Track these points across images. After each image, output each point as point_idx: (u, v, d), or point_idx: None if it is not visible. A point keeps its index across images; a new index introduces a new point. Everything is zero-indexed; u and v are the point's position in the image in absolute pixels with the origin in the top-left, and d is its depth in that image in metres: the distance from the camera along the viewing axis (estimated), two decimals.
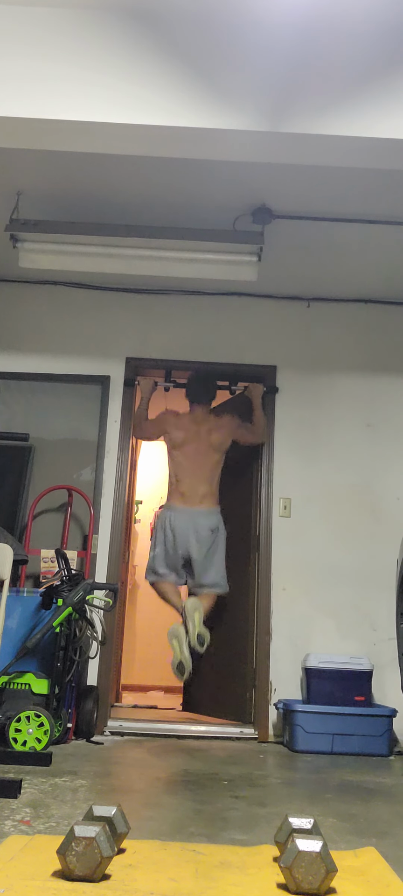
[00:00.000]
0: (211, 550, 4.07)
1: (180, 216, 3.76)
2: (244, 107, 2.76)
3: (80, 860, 1.51)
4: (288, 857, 1.53)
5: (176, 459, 4.26)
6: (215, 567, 4.06)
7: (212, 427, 4.27)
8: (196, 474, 4.16)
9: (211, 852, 1.80)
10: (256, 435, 4.34)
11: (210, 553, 4.06)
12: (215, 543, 4.09)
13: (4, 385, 4.47)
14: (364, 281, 4.42)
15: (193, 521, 4.07)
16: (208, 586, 4.03)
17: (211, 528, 4.09)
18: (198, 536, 4.05)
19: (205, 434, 4.24)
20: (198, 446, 4.21)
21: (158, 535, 4.15)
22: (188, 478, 4.17)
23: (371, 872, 1.70)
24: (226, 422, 4.31)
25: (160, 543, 4.12)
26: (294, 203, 3.70)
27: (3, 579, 2.80)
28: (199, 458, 4.19)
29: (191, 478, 4.16)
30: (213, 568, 4.06)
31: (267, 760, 3.43)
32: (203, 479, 4.15)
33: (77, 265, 3.76)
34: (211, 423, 4.29)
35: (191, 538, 4.04)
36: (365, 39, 2.77)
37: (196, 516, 4.09)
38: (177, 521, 4.08)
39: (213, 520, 4.12)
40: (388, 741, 3.69)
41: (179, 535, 4.06)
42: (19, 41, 2.79)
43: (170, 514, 4.14)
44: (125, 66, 2.78)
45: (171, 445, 4.29)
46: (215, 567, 4.06)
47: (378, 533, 4.20)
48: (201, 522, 4.08)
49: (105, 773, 2.95)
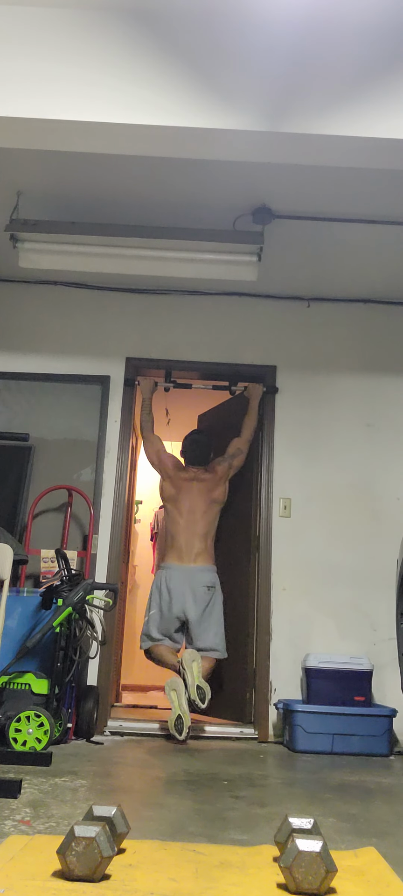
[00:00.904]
0: (208, 609, 3.99)
1: (180, 216, 3.76)
2: (244, 107, 2.76)
3: (80, 860, 1.51)
4: (288, 857, 1.53)
5: (170, 515, 4.23)
6: (213, 629, 3.98)
7: (211, 484, 4.23)
8: (191, 531, 4.12)
9: (211, 852, 1.80)
10: (245, 441, 4.33)
11: (207, 613, 3.99)
12: (212, 602, 4.02)
13: (4, 385, 4.48)
14: (364, 281, 4.43)
15: (189, 579, 4.01)
16: (206, 650, 3.93)
17: (208, 585, 4.03)
18: (195, 595, 3.98)
19: (205, 491, 4.21)
20: (192, 503, 4.18)
21: (154, 596, 4.07)
22: (183, 535, 4.12)
23: (371, 872, 1.70)
24: (218, 469, 4.28)
25: (155, 605, 4.03)
26: (294, 203, 3.70)
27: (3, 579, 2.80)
28: (195, 514, 4.16)
29: (185, 535, 4.12)
30: (211, 630, 3.97)
31: (267, 760, 3.43)
32: (198, 537, 4.11)
33: (77, 265, 3.76)
34: (209, 481, 4.24)
35: (188, 596, 3.97)
36: (365, 39, 2.77)
37: (192, 573, 4.03)
38: (173, 579, 4.02)
39: (210, 577, 4.07)
40: (388, 741, 3.69)
41: (175, 594, 3.98)
42: (19, 41, 2.80)
43: (165, 573, 4.09)
44: (125, 66, 2.78)
45: (165, 498, 4.27)
46: (213, 629, 3.98)
47: (378, 533, 4.20)
48: (197, 579, 4.02)
49: (105, 773, 2.95)
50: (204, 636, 3.96)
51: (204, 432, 4.55)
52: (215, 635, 3.99)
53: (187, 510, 4.17)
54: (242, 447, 4.33)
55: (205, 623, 3.98)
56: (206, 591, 4.02)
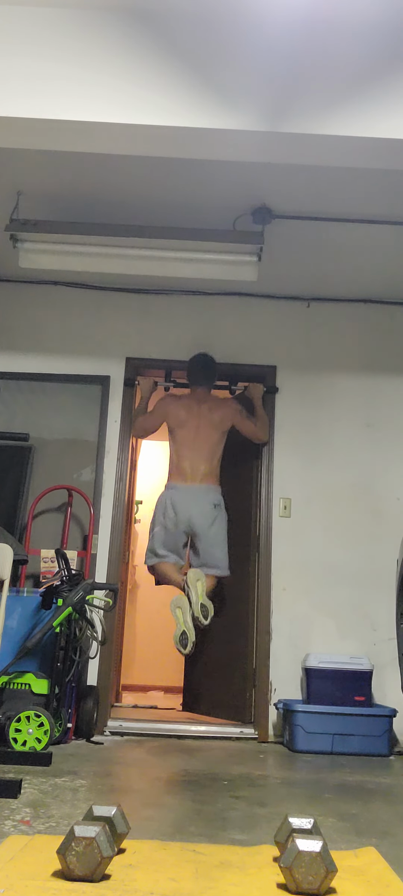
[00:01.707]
0: (215, 527, 4.02)
1: (180, 216, 3.76)
2: (244, 107, 2.76)
3: (80, 860, 1.51)
4: (288, 857, 1.53)
5: (177, 439, 4.22)
6: (217, 547, 4.01)
7: (213, 406, 4.26)
8: (197, 452, 4.13)
9: (211, 852, 1.80)
10: (259, 432, 4.32)
11: (213, 529, 4.01)
12: (217, 519, 4.05)
13: (4, 385, 4.47)
14: (364, 281, 4.42)
15: (195, 498, 4.04)
16: (210, 567, 3.98)
17: (214, 503, 4.06)
18: (201, 511, 4.01)
19: (206, 412, 4.22)
20: (198, 425, 4.19)
21: (158, 515, 4.09)
22: (189, 456, 4.14)
23: (371, 872, 1.71)
24: (227, 403, 4.31)
25: (159, 523, 4.06)
26: (294, 203, 3.70)
27: (3, 579, 2.80)
28: (200, 436, 4.16)
29: (191, 456, 4.13)
30: (216, 548, 4.01)
31: (267, 760, 3.43)
32: (204, 458, 4.13)
33: (77, 265, 3.76)
34: (212, 403, 4.28)
35: (194, 513, 4.00)
36: (365, 39, 2.77)
37: (197, 492, 4.05)
38: (179, 499, 4.04)
39: (215, 496, 4.09)
40: (388, 741, 3.69)
41: (181, 512, 4.01)
42: (20, 41, 2.79)
43: (170, 493, 4.10)
44: (125, 66, 2.78)
45: (173, 425, 4.26)
46: (217, 547, 4.01)
47: (378, 533, 4.20)
48: (203, 498, 4.05)
49: (105, 773, 2.95)
50: (209, 552, 4.00)
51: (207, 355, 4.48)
52: (219, 553, 4.02)
53: (192, 432, 4.17)
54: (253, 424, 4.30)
55: (211, 538, 4.01)
56: (212, 509, 4.04)
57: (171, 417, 4.26)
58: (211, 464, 4.14)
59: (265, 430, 4.33)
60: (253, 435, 4.32)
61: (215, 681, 4.32)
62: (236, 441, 4.32)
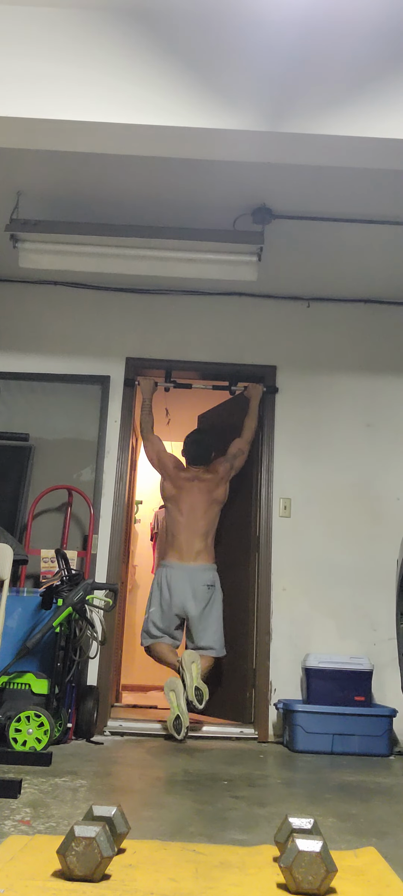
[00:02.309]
0: (208, 608, 4.01)
1: (180, 216, 3.76)
2: (244, 107, 2.76)
3: (80, 860, 1.51)
4: (288, 857, 1.53)
5: (171, 514, 4.23)
6: (212, 628, 4.00)
7: (212, 483, 4.23)
8: (191, 530, 4.13)
9: (211, 852, 1.80)
10: (243, 441, 4.33)
11: (206, 611, 4.00)
12: (211, 601, 4.03)
13: (4, 385, 4.47)
14: (364, 281, 4.42)
15: (190, 577, 4.03)
16: (204, 649, 3.96)
17: (208, 583, 4.05)
18: (195, 593, 4.00)
19: (205, 491, 4.21)
20: (193, 503, 4.18)
21: (154, 593, 4.09)
22: (183, 534, 4.13)
23: (371, 872, 1.70)
24: (219, 469, 4.28)
25: (156, 602, 4.06)
26: (294, 203, 3.70)
27: (3, 579, 2.80)
28: (195, 514, 4.16)
29: (186, 534, 4.12)
30: (210, 629, 3.99)
31: (267, 760, 3.43)
32: (198, 536, 4.12)
33: (77, 265, 3.76)
34: (209, 482, 4.25)
35: (188, 595, 3.99)
36: (365, 39, 2.77)
37: (192, 572, 4.04)
38: (173, 578, 4.04)
39: (210, 576, 4.08)
40: (388, 741, 3.69)
41: (175, 592, 4.00)
42: (19, 41, 2.79)
43: (166, 571, 4.10)
44: (125, 66, 2.78)
45: (165, 497, 4.28)
46: (212, 628, 4.00)
47: (378, 533, 4.20)
48: (197, 578, 4.03)
49: (105, 773, 2.95)
50: (203, 634, 3.98)
51: (206, 432, 4.55)
52: (214, 634, 4.01)
53: (188, 509, 4.18)
54: (243, 448, 4.33)
55: (205, 621, 3.99)
56: (206, 590, 4.03)
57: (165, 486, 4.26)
58: (206, 541, 4.14)
59: (251, 433, 4.35)
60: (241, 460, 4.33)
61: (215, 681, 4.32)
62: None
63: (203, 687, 3.72)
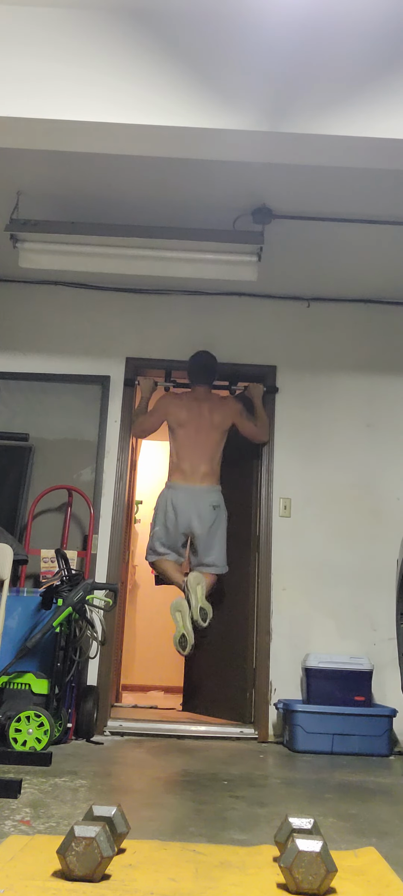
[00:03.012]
0: (214, 528, 4.05)
1: (180, 216, 3.76)
2: (244, 107, 2.76)
3: (80, 860, 1.51)
4: (288, 857, 1.53)
5: (177, 438, 4.24)
6: (217, 547, 4.05)
7: (214, 406, 4.27)
8: (197, 452, 4.15)
9: (211, 852, 1.80)
10: (259, 433, 4.32)
11: (212, 530, 4.05)
12: (217, 521, 4.08)
13: (4, 385, 4.47)
14: (364, 281, 4.42)
15: (195, 499, 4.06)
16: (208, 566, 4.02)
17: (213, 504, 4.08)
18: (200, 513, 4.04)
19: (207, 412, 4.23)
20: (199, 424, 4.20)
21: (159, 513, 4.13)
22: (189, 456, 4.15)
23: (371, 872, 1.70)
24: (228, 403, 4.32)
25: (160, 522, 4.10)
26: (294, 203, 3.70)
27: (3, 579, 2.80)
28: (201, 436, 4.18)
29: (192, 456, 4.15)
30: (215, 548, 4.05)
31: (267, 760, 3.43)
32: (204, 458, 4.14)
33: (77, 265, 3.76)
34: (213, 402, 4.29)
35: (193, 515, 4.03)
36: (365, 39, 2.77)
37: (197, 493, 4.08)
38: (179, 499, 4.07)
39: (215, 497, 4.11)
40: (388, 741, 3.69)
41: (181, 513, 4.04)
42: (19, 41, 2.79)
43: (171, 493, 4.13)
44: (125, 66, 2.78)
45: (174, 424, 4.27)
46: (217, 547, 4.05)
47: (378, 533, 4.20)
48: (203, 499, 4.07)
49: (105, 773, 2.95)
50: (208, 552, 4.03)
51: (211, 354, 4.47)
52: (218, 552, 4.06)
53: (192, 431, 4.19)
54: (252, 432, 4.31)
55: (210, 540, 4.04)
56: (212, 511, 4.06)
57: (172, 417, 4.27)
58: (211, 464, 4.16)
59: (265, 430, 4.34)
60: (253, 435, 4.33)
61: (215, 681, 4.32)
62: (236, 441, 4.32)
63: (207, 606, 3.80)
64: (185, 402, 4.29)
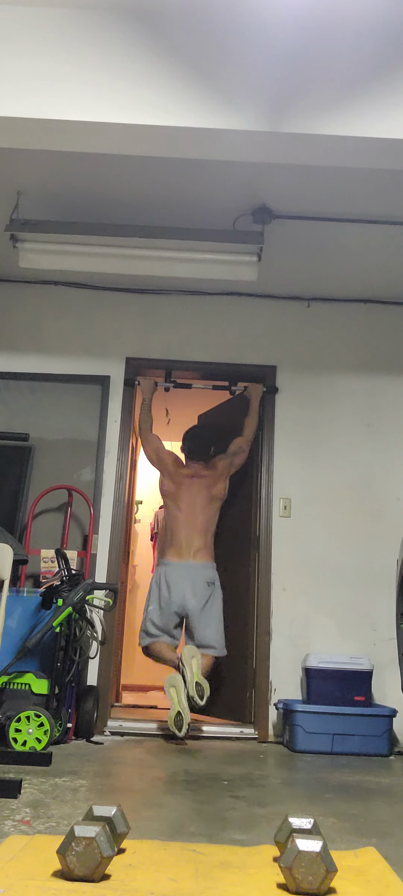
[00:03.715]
0: (208, 605, 3.97)
1: (180, 216, 3.76)
2: (244, 107, 2.76)
3: (80, 860, 1.51)
4: (288, 857, 1.53)
5: (170, 512, 4.21)
6: (212, 626, 3.95)
7: (211, 479, 4.21)
8: (190, 527, 4.09)
9: (211, 852, 1.80)
10: (243, 440, 4.32)
11: (206, 608, 3.96)
12: (212, 598, 4.00)
13: (4, 385, 4.47)
14: (364, 281, 4.42)
15: (189, 574, 3.99)
16: (205, 647, 3.91)
17: (208, 580, 4.01)
18: (195, 589, 3.96)
19: (205, 487, 4.19)
20: (192, 499, 4.15)
21: (153, 592, 4.05)
22: (183, 531, 4.10)
23: (371, 872, 1.70)
24: (219, 466, 4.27)
25: (154, 601, 4.01)
26: (294, 203, 3.70)
27: (3, 579, 2.80)
28: (194, 510, 4.13)
29: (185, 531, 4.09)
30: (211, 627, 3.95)
31: (267, 760, 3.43)
32: (198, 533, 4.09)
33: (77, 265, 3.76)
34: (208, 478, 4.23)
35: (187, 591, 3.95)
36: (365, 39, 2.77)
37: (191, 569, 4.01)
38: (172, 575, 4.00)
39: (209, 573, 4.05)
40: (388, 741, 3.69)
41: (174, 589, 3.96)
42: (19, 41, 2.79)
43: (164, 570, 4.07)
44: (125, 66, 2.78)
45: (164, 494, 4.26)
46: (212, 626, 3.95)
47: (378, 533, 4.20)
48: (197, 575, 4.00)
49: (105, 773, 2.95)
50: (203, 632, 3.94)
51: (205, 427, 4.55)
52: (215, 632, 3.97)
53: (187, 506, 4.16)
54: (243, 446, 4.32)
55: (205, 619, 3.95)
56: (206, 587, 4.00)
57: (164, 483, 4.24)
58: (205, 539, 4.11)
59: (251, 432, 4.34)
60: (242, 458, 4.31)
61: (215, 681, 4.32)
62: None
63: (204, 683, 3.68)
64: (180, 475, 4.24)
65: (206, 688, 3.68)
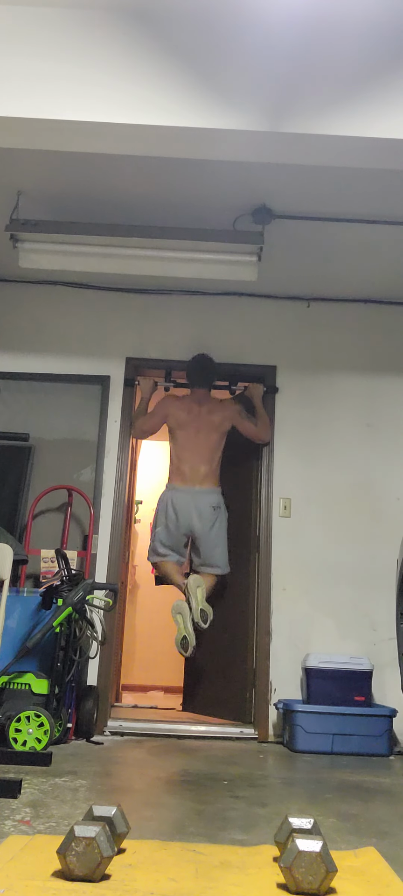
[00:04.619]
0: (214, 528, 4.09)
1: (180, 216, 3.76)
2: (244, 107, 2.76)
3: (80, 860, 1.51)
4: (288, 857, 1.53)
5: (177, 440, 4.27)
6: (218, 548, 4.09)
7: (213, 408, 4.30)
8: (197, 454, 4.18)
9: (211, 852, 1.80)
10: (260, 432, 4.32)
11: (212, 531, 4.08)
12: (218, 521, 4.11)
13: (4, 385, 4.47)
14: (364, 281, 4.42)
15: (195, 500, 4.10)
16: (210, 566, 4.06)
17: (213, 505, 4.12)
18: (201, 514, 4.07)
19: (206, 414, 4.26)
20: (198, 426, 4.23)
21: (160, 515, 4.17)
22: (189, 458, 4.19)
23: (371, 872, 1.70)
24: (227, 405, 4.35)
25: (161, 523, 4.14)
26: (294, 203, 3.70)
27: (3, 579, 2.80)
28: (200, 438, 4.21)
29: (191, 458, 4.18)
30: (216, 548, 4.08)
31: (267, 760, 3.43)
32: (204, 459, 4.18)
33: (77, 265, 3.75)
34: (212, 404, 4.32)
35: (194, 516, 4.07)
36: (365, 39, 2.77)
37: (197, 495, 4.12)
38: (179, 500, 4.11)
39: (215, 498, 4.15)
40: (388, 741, 3.69)
41: (181, 514, 4.08)
42: (20, 41, 2.79)
43: (171, 494, 4.17)
44: (125, 66, 2.78)
45: (173, 425, 4.30)
46: (218, 548, 4.09)
47: (378, 533, 4.20)
48: (203, 500, 4.10)
49: (105, 773, 2.96)
50: (209, 553, 4.08)
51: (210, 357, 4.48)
52: (220, 553, 4.10)
53: (193, 433, 4.22)
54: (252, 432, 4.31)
55: (211, 541, 4.08)
56: (212, 511, 4.10)
57: (171, 418, 4.29)
58: (210, 465, 4.19)
59: (266, 430, 4.34)
60: (253, 436, 4.33)
61: (215, 681, 4.32)
62: (236, 441, 4.32)
63: (207, 608, 3.84)
64: (185, 404, 4.31)
65: (210, 613, 3.86)
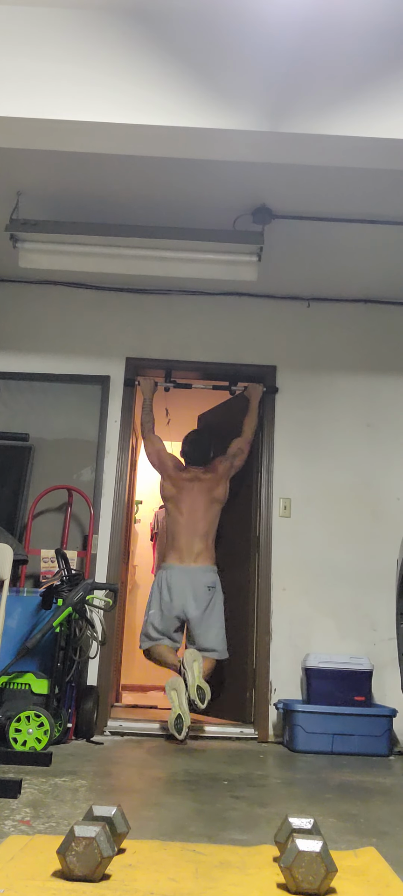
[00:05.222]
0: (209, 610, 3.97)
1: (180, 216, 3.76)
2: (244, 107, 2.76)
3: (80, 860, 1.51)
4: (288, 857, 1.53)
5: (171, 515, 4.21)
6: (214, 630, 3.96)
7: (211, 482, 4.21)
8: (191, 531, 4.10)
9: (211, 852, 1.80)
10: (243, 441, 4.32)
11: (208, 613, 3.97)
12: (212, 602, 4.00)
13: (4, 385, 4.47)
14: (364, 281, 4.42)
15: (190, 579, 3.99)
16: (207, 650, 3.91)
17: (208, 585, 4.01)
18: (195, 594, 3.96)
19: (205, 490, 4.18)
20: (193, 503, 4.16)
21: (154, 595, 4.05)
22: (183, 535, 4.10)
23: (371, 872, 1.70)
24: (222, 470, 4.26)
25: (156, 604, 4.01)
26: (294, 203, 3.70)
27: (3, 579, 2.80)
28: (195, 514, 4.13)
29: (186, 535, 4.09)
30: (212, 630, 3.95)
31: (267, 760, 3.43)
32: (199, 536, 4.09)
33: (77, 265, 3.75)
34: (209, 479, 4.23)
35: (188, 596, 3.96)
36: (365, 39, 2.77)
37: (192, 573, 4.01)
38: (174, 579, 4.00)
39: (210, 577, 4.05)
40: (388, 741, 3.69)
41: (176, 594, 3.96)
42: (19, 41, 2.79)
43: (166, 574, 4.07)
44: (125, 66, 2.78)
45: (165, 498, 4.26)
46: (214, 630, 3.96)
47: (378, 533, 4.20)
48: (198, 579, 4.00)
49: (105, 773, 2.95)
50: (204, 636, 3.94)
51: (205, 432, 4.55)
52: (216, 636, 3.97)
53: (188, 510, 4.16)
54: (243, 447, 4.32)
55: (206, 623, 3.96)
56: (207, 591, 4.00)
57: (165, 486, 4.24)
58: (206, 542, 4.11)
59: (251, 432, 4.34)
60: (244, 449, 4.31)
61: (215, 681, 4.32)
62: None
63: (205, 686, 3.68)
64: (181, 478, 4.24)
65: (207, 691, 3.69)
